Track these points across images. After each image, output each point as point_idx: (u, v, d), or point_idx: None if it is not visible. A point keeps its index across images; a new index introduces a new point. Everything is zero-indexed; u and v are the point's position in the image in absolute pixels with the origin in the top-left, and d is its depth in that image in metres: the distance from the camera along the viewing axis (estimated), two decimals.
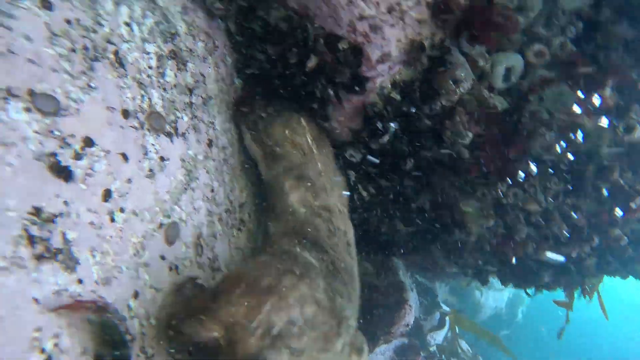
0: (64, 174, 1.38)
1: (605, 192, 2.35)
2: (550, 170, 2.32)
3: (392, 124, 2.54)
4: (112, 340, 1.30)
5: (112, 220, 1.53)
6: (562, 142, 2.16)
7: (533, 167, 2.44)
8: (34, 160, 1.30)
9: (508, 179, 2.56)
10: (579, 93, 2.00)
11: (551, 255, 2.61)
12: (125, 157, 1.65)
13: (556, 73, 2.15)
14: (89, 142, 1.51)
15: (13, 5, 1.39)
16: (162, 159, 1.86)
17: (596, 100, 2.01)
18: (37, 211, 1.24)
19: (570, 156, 2.20)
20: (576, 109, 2.03)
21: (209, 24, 2.39)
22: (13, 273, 1.10)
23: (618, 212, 2.42)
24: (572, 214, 2.44)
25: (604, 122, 2.06)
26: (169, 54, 2.05)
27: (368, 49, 2.23)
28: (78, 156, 1.46)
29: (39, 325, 1.14)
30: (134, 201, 1.64)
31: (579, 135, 2.11)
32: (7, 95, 1.29)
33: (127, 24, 1.84)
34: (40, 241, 1.20)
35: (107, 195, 1.53)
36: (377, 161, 2.67)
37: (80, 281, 1.30)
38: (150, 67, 1.92)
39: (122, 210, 1.58)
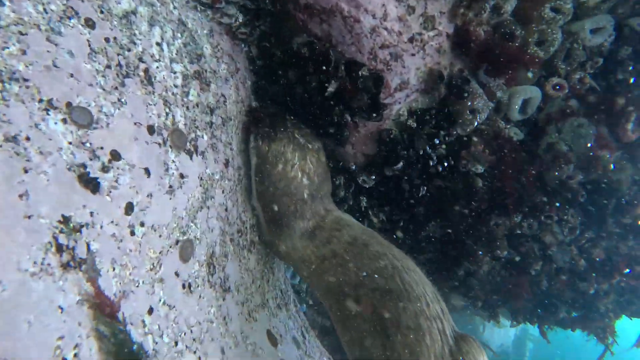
0: (91, 185, 1.39)
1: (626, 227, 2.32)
2: (568, 203, 2.32)
3: (406, 152, 2.56)
4: (126, 356, 1.27)
5: (133, 233, 1.52)
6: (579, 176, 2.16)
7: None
8: (66, 170, 1.31)
9: (521, 209, 2.55)
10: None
11: None
12: (148, 172, 1.66)
13: (576, 106, 2.19)
14: (116, 155, 1.53)
15: (62, 23, 1.43)
16: (181, 176, 1.87)
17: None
18: (66, 220, 1.24)
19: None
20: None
21: (232, 47, 2.45)
22: (42, 279, 1.09)
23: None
24: (591, 248, 2.41)
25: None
26: (193, 74, 2.10)
27: (388, 77, 2.28)
28: (105, 169, 1.47)
29: (62, 334, 1.12)
30: (153, 216, 1.64)
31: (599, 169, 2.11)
32: (48, 107, 1.31)
33: (159, 44, 1.89)
34: (66, 250, 1.20)
35: (130, 208, 1.53)
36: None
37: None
38: (175, 86, 1.96)
39: (142, 224, 1.58)
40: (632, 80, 2.11)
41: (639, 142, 2.18)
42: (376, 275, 2.10)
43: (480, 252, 2.74)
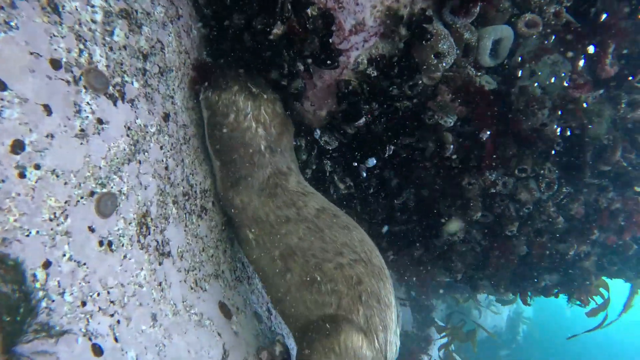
0: None
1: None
2: (543, 155, 2.09)
3: (368, 105, 2.34)
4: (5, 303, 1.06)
5: (22, 175, 1.30)
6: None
7: None
8: None
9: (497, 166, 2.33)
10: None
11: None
12: (48, 109, 1.44)
13: (549, 42, 1.95)
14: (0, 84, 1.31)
15: None
16: (99, 121, 1.64)
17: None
18: None
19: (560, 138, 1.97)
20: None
21: None
22: None
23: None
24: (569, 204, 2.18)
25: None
26: (119, 12, 1.87)
27: (340, 16, 2.05)
28: None
29: None
30: (55, 160, 1.42)
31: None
32: None
33: None
34: None
35: (19, 147, 1.31)
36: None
37: None
38: (94, 21, 1.73)
39: (37, 167, 1.36)
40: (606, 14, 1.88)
41: (616, 79, 1.95)
42: (356, 247, 2.08)
43: (453, 217, 2.53)
